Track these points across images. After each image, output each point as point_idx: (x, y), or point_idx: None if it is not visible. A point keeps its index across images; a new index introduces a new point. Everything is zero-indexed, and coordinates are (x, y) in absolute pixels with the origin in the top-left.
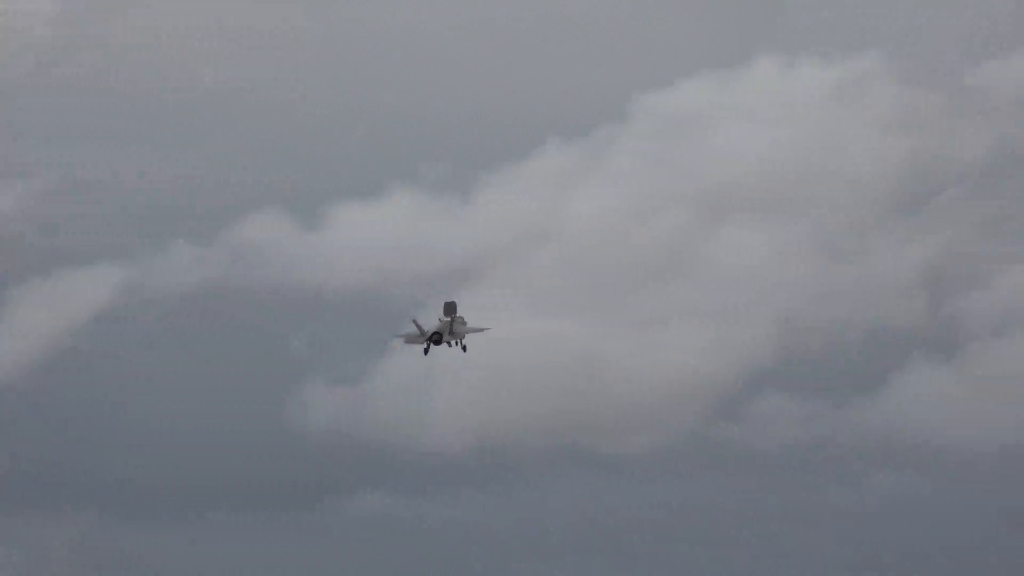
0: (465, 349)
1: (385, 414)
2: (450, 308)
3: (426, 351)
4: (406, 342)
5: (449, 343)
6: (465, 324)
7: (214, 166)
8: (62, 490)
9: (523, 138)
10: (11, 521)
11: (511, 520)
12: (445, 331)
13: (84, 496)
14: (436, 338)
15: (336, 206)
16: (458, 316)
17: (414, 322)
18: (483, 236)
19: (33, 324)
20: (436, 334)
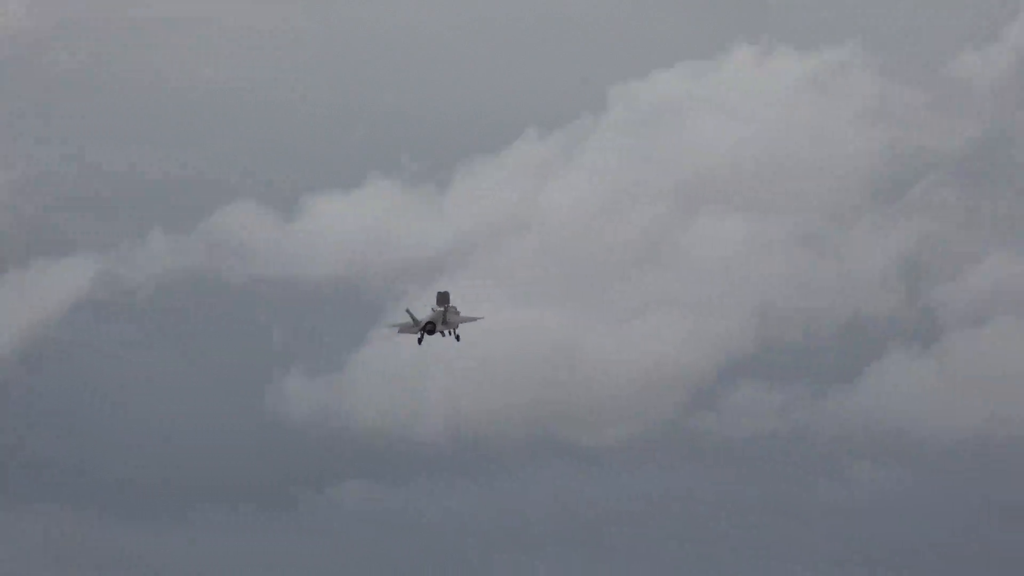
0: (459, 338)
1: (365, 404)
2: (443, 298)
3: (420, 340)
4: (400, 332)
5: (443, 332)
6: (458, 314)
7: (191, 157)
8: (39, 482)
9: (500, 129)
10: None
11: (491, 510)
12: (438, 321)
13: (63, 490)
14: (430, 328)
15: (314, 197)
16: (451, 306)
17: (407, 312)
18: (461, 227)
19: (10, 315)
20: (430, 324)
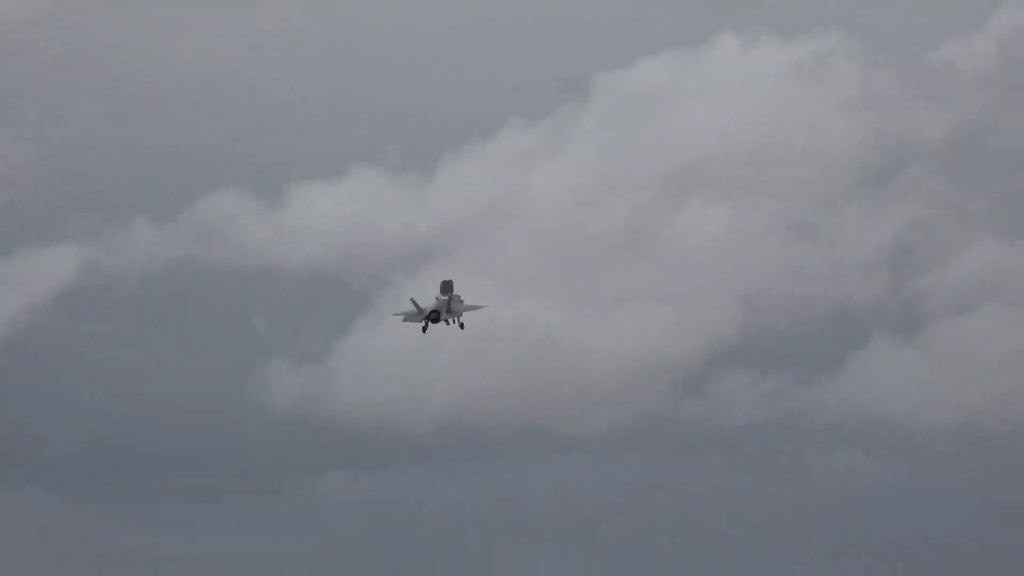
0: (463, 327)
1: (349, 394)
2: (447, 287)
3: (424, 329)
4: (404, 320)
5: (447, 321)
6: (462, 302)
7: (176, 145)
8: (24, 471)
9: (485, 119)
10: None
11: (479, 499)
12: (443, 309)
13: (46, 478)
14: (434, 316)
15: (299, 186)
16: (455, 295)
17: (412, 300)
18: (445, 216)
19: None
20: (434, 312)
